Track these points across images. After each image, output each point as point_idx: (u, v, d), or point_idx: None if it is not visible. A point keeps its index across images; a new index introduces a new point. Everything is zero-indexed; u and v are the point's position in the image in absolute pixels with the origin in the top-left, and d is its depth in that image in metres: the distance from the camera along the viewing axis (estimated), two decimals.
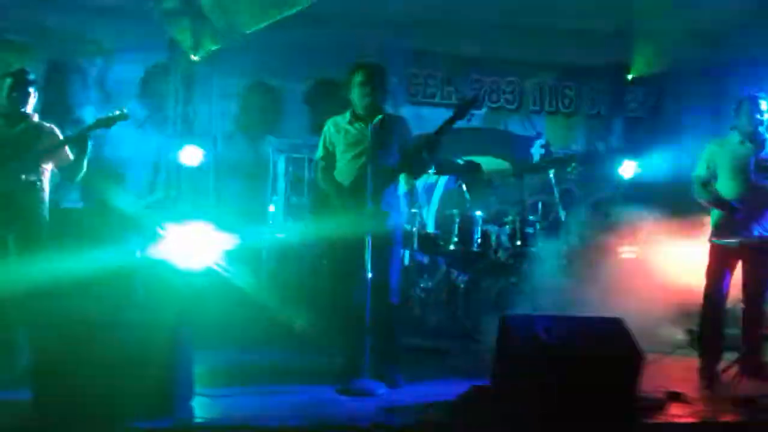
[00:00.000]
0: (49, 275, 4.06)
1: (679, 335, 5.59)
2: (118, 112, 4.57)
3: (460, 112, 4.18)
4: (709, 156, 4.83)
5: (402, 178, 4.47)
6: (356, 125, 4.33)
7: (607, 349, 3.61)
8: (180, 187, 7.21)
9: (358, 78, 4.24)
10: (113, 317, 3.48)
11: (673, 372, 4.64)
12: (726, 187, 4.74)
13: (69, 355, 3.33)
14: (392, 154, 4.33)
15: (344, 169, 4.32)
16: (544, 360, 3.50)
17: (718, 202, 4.74)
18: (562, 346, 3.54)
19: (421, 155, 4.23)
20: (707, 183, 4.82)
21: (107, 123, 4.53)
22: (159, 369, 3.36)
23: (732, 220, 4.67)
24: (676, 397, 3.96)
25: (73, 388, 3.27)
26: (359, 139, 4.27)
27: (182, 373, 3.56)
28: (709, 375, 4.62)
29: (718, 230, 4.76)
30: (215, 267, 5.93)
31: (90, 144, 4.54)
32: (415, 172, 4.53)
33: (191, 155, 7.04)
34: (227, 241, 6.09)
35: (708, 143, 4.93)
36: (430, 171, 5.75)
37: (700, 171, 4.85)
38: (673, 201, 5.82)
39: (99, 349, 3.31)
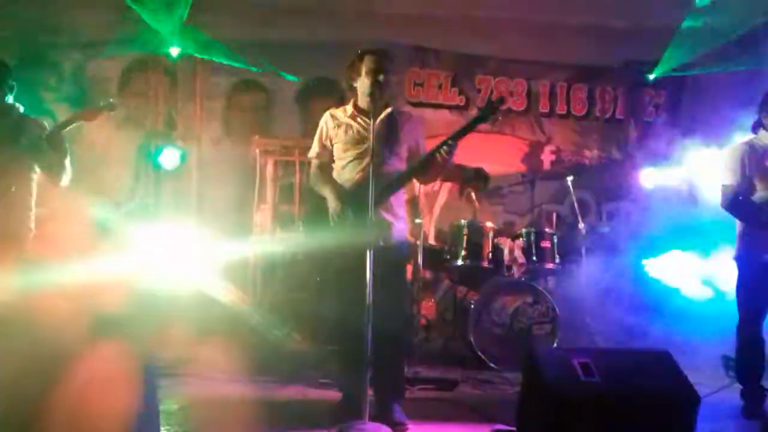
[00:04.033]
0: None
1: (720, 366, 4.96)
2: (103, 103, 4.01)
3: (485, 113, 3.61)
4: (742, 160, 4.16)
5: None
6: (359, 120, 3.74)
7: (660, 388, 3.03)
8: (159, 193, 6.69)
9: (368, 64, 3.63)
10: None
11: (719, 411, 4.02)
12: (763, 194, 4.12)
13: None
14: (399, 155, 3.75)
15: (344, 171, 3.73)
16: (586, 402, 2.93)
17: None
18: (607, 385, 2.97)
19: (435, 159, 3.61)
20: (740, 193, 4.14)
21: (92, 115, 3.92)
22: None
23: None
24: None
25: None
26: (363, 137, 3.66)
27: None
28: (753, 413, 4.05)
29: (754, 244, 4.11)
30: (196, 282, 5.38)
31: (66, 141, 3.90)
32: (427, 178, 3.95)
33: (171, 158, 6.48)
34: (210, 253, 5.56)
35: (737, 145, 4.26)
36: None
37: (732, 179, 4.18)
38: None
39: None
